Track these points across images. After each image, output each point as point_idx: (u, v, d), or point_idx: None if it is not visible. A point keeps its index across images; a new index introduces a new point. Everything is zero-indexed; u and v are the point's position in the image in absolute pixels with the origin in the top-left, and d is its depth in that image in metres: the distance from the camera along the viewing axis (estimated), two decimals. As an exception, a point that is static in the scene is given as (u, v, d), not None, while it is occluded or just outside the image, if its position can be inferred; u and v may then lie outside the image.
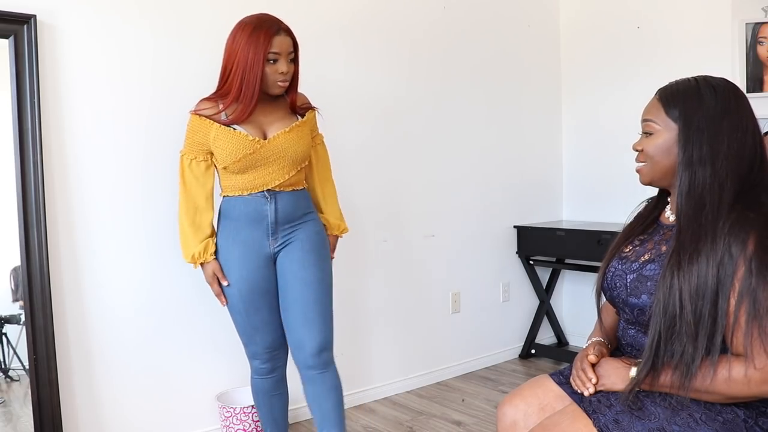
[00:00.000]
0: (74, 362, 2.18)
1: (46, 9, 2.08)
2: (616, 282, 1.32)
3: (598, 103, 3.51)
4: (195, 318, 2.43)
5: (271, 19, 1.86)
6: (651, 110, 1.27)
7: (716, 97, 1.19)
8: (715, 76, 1.25)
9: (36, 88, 2.03)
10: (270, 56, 1.83)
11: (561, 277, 3.68)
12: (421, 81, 3.06)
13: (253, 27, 1.83)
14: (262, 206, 1.91)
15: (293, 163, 1.93)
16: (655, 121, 1.25)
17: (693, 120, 1.19)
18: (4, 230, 2.04)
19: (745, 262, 1.10)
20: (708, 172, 1.17)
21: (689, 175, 1.18)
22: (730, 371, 1.10)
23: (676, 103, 1.22)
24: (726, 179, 1.16)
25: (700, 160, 1.17)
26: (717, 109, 1.18)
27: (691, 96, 1.21)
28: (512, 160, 3.48)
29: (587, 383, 1.29)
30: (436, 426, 2.64)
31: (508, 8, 3.42)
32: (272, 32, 1.82)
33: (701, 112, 1.19)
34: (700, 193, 1.17)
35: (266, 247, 1.93)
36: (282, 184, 1.92)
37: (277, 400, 2.12)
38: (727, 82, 1.23)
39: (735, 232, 1.12)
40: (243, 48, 1.83)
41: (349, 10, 2.81)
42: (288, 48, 1.86)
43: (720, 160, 1.17)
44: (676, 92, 1.24)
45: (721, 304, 1.11)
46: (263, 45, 1.81)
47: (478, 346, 3.36)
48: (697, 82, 1.23)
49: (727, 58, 2.90)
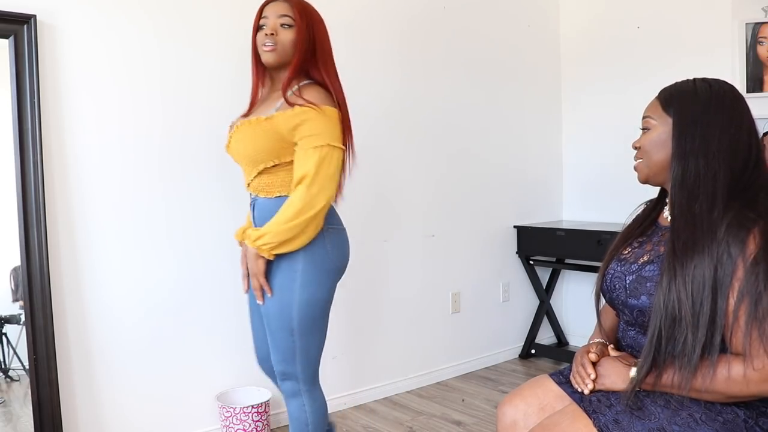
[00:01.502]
0: (74, 362, 2.18)
1: (46, 9, 2.07)
2: (615, 284, 1.32)
3: (598, 103, 3.51)
4: (195, 318, 2.43)
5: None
6: (650, 108, 1.30)
7: (711, 92, 1.22)
8: (715, 78, 1.27)
9: (36, 88, 2.03)
10: (261, 22, 1.72)
11: (561, 277, 3.68)
12: (421, 81, 3.06)
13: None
14: (251, 210, 1.81)
15: (249, 162, 1.72)
16: (653, 117, 1.28)
17: (687, 113, 1.22)
18: (4, 230, 2.04)
19: (744, 262, 1.10)
20: (701, 164, 1.18)
21: (682, 166, 1.20)
22: (729, 371, 1.10)
23: (673, 100, 1.25)
24: (719, 171, 1.17)
25: (693, 152, 1.19)
26: (711, 104, 1.21)
27: (687, 92, 1.24)
28: (512, 160, 3.48)
29: (586, 379, 1.29)
30: (436, 426, 2.64)
31: (508, 8, 3.42)
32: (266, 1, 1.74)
33: (696, 106, 1.21)
34: (693, 183, 1.18)
35: None
36: (252, 186, 1.75)
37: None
38: (725, 82, 1.25)
39: (734, 232, 1.12)
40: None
41: (349, 10, 2.81)
42: (278, 11, 1.69)
43: (713, 152, 1.18)
44: (674, 90, 1.27)
45: (720, 303, 1.12)
46: (257, 13, 1.74)
47: (478, 346, 3.36)
48: (695, 81, 1.26)
49: (727, 58, 2.90)
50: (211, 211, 2.45)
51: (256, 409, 2.37)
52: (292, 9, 1.70)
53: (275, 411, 2.60)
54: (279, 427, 2.62)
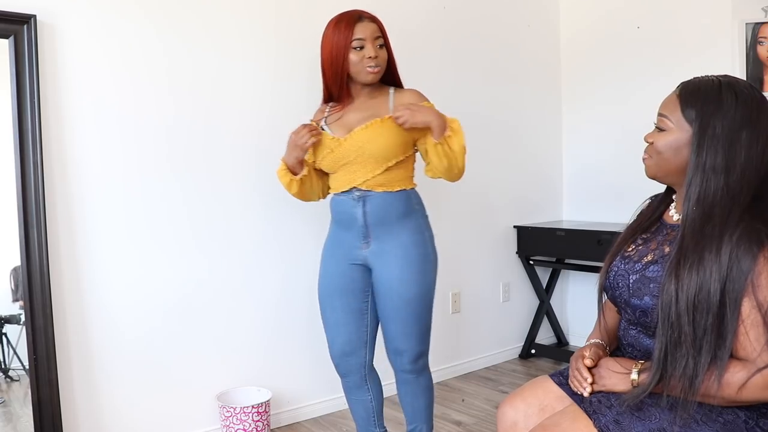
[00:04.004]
0: (74, 362, 2.18)
1: (46, 9, 2.07)
2: (618, 282, 1.31)
3: (598, 103, 3.51)
4: (195, 318, 2.43)
5: (353, 10, 1.90)
6: (668, 105, 1.23)
7: (737, 105, 1.14)
8: (741, 80, 1.19)
9: (36, 88, 2.03)
10: (354, 43, 1.85)
11: (561, 277, 3.68)
12: (421, 81, 3.05)
13: (336, 20, 1.89)
14: (352, 209, 1.92)
15: (376, 161, 1.87)
16: (670, 119, 1.21)
17: (709, 125, 1.14)
18: (4, 230, 2.04)
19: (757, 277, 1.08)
20: (721, 183, 1.13)
21: (700, 181, 1.14)
22: (736, 376, 1.09)
23: (694, 104, 1.17)
24: (739, 194, 1.12)
25: (714, 169, 1.13)
26: (736, 119, 1.13)
27: (711, 99, 1.15)
28: (512, 160, 3.48)
29: (584, 383, 1.29)
30: (436, 426, 2.63)
31: (508, 8, 3.42)
32: (354, 19, 1.86)
33: (719, 119, 1.14)
34: (710, 204, 1.13)
35: (358, 249, 1.94)
36: (369, 183, 1.89)
37: (354, 405, 2.13)
38: (752, 89, 1.18)
39: (744, 245, 1.09)
40: (329, 41, 1.87)
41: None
42: (373, 33, 1.87)
43: (736, 173, 1.12)
44: (696, 92, 1.18)
45: (729, 319, 1.09)
46: (345, 32, 1.84)
47: (478, 346, 3.36)
48: (720, 84, 1.17)
49: (727, 58, 2.90)
50: (211, 211, 2.45)
51: (256, 409, 2.37)
52: (381, 29, 1.91)
53: (275, 411, 2.60)
54: (279, 427, 2.62)
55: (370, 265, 1.95)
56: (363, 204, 1.90)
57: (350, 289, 1.97)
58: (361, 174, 1.89)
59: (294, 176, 1.95)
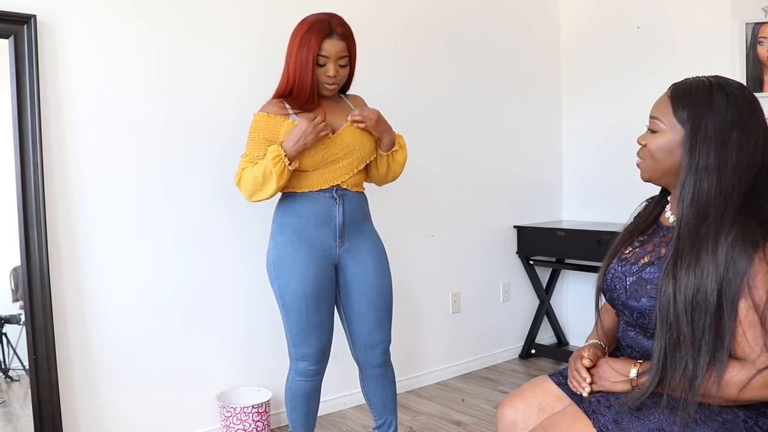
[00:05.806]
0: (74, 362, 2.18)
1: (46, 9, 2.07)
2: (615, 284, 1.32)
3: (598, 102, 3.51)
4: (195, 318, 2.43)
5: (327, 20, 1.88)
6: (659, 107, 1.23)
7: (728, 105, 1.14)
8: (731, 80, 1.19)
9: (36, 88, 2.03)
10: (319, 59, 1.86)
11: (561, 277, 3.68)
12: (421, 81, 3.06)
13: (307, 27, 1.87)
14: (330, 207, 1.93)
15: (358, 161, 1.96)
16: (662, 120, 1.22)
17: (701, 126, 1.15)
18: (4, 230, 2.04)
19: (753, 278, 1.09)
20: (713, 183, 1.13)
21: (694, 181, 1.15)
22: (736, 377, 1.10)
23: (685, 105, 1.18)
24: (732, 193, 1.13)
25: (707, 169, 1.14)
26: (727, 119, 1.14)
27: (702, 100, 1.16)
28: (512, 160, 3.48)
29: (582, 383, 1.29)
30: (436, 426, 2.64)
31: (508, 8, 3.42)
32: (323, 35, 1.85)
33: (710, 120, 1.14)
34: (704, 204, 1.14)
35: (333, 248, 1.96)
36: (348, 182, 1.95)
37: (315, 403, 2.10)
38: (743, 89, 1.18)
39: (740, 246, 1.10)
40: (296, 48, 1.87)
41: (349, 10, 2.80)
42: (339, 53, 1.88)
43: (728, 172, 1.13)
44: (687, 93, 1.19)
45: (726, 320, 1.09)
46: (313, 45, 1.84)
47: (478, 346, 3.36)
48: (711, 85, 1.18)
49: (727, 58, 2.90)
50: (211, 211, 2.45)
51: (256, 409, 2.38)
52: (348, 48, 1.91)
53: (275, 411, 2.60)
54: (279, 427, 2.63)
55: (342, 263, 1.99)
56: (342, 203, 1.94)
57: (330, 288, 1.99)
58: (345, 172, 1.94)
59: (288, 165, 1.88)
